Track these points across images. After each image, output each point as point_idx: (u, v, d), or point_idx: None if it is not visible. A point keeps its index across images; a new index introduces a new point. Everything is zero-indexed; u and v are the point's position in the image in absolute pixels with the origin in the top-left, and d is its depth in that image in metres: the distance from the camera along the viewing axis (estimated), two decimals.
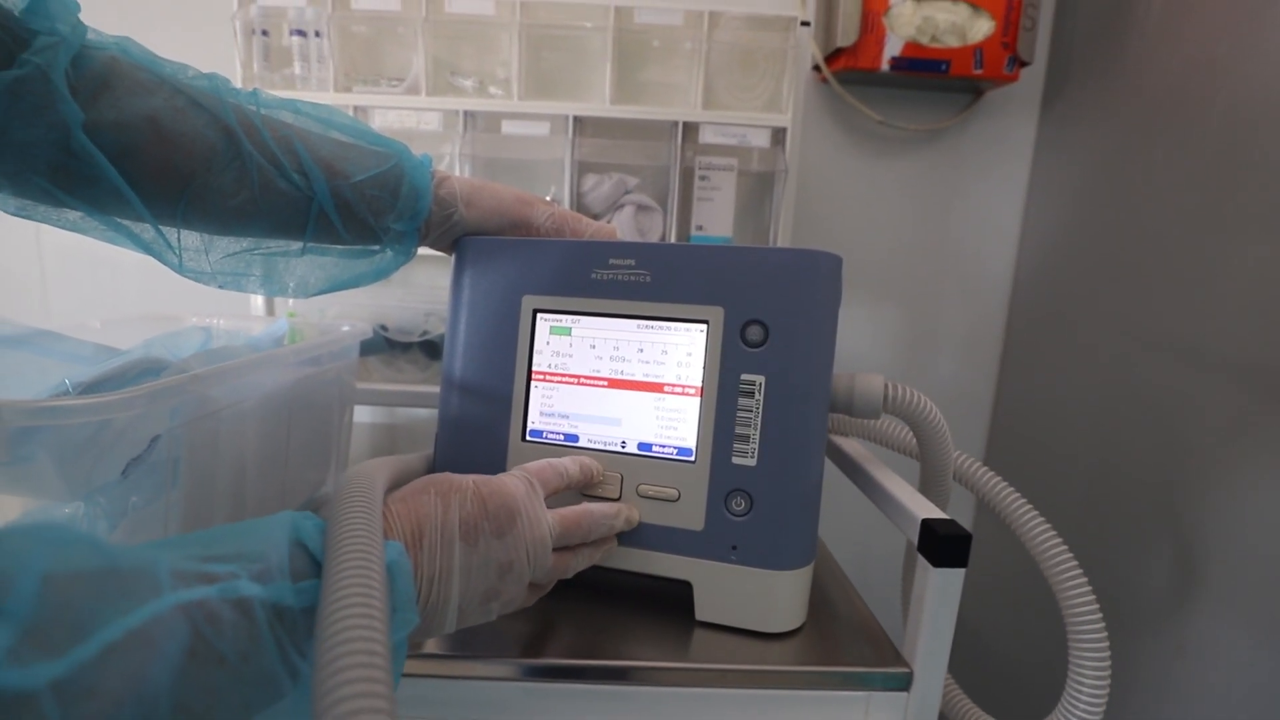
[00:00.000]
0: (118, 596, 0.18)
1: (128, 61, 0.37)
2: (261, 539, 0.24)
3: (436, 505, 0.32)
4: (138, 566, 0.20)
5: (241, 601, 0.21)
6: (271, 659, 0.21)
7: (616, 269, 0.42)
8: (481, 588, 0.32)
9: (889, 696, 0.38)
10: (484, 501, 0.33)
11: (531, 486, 0.35)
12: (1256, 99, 0.61)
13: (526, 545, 0.33)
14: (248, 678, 0.21)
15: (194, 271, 0.42)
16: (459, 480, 0.33)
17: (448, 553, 0.31)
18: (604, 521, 0.38)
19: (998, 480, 0.45)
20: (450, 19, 0.73)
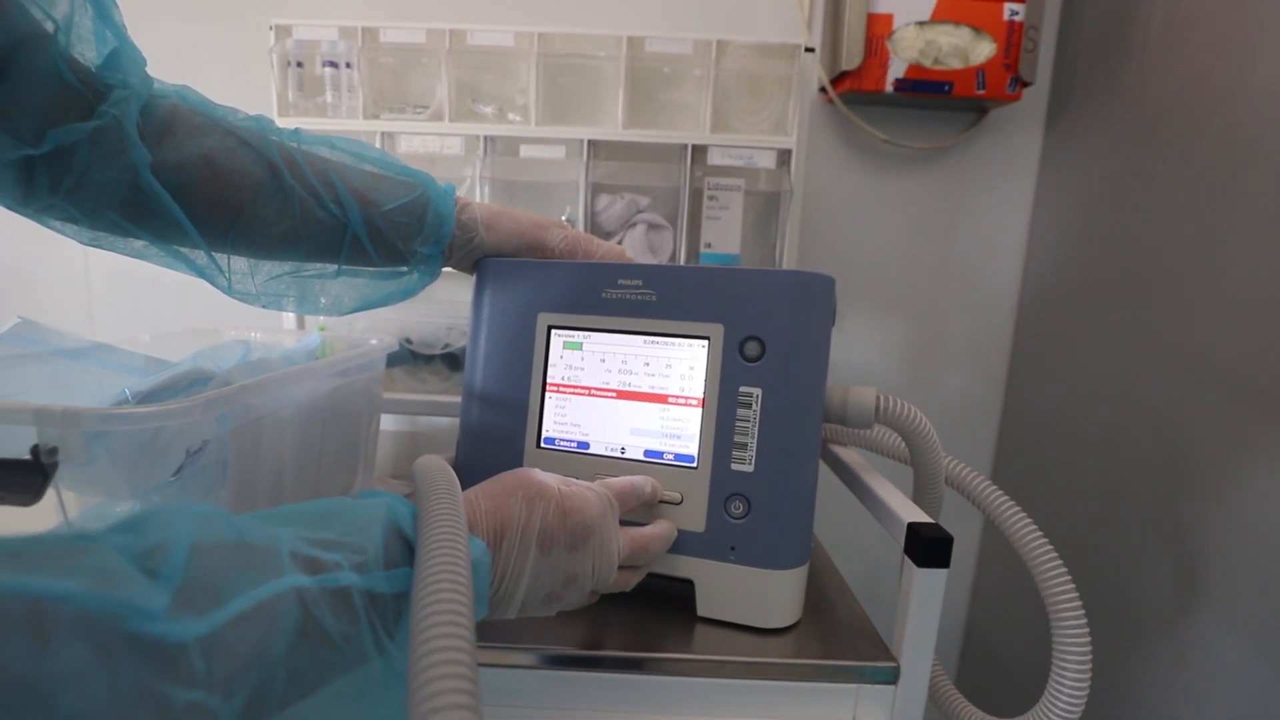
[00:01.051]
0: (248, 569, 0.21)
1: (186, 108, 0.41)
2: (364, 527, 0.27)
3: (522, 510, 0.33)
4: (265, 544, 0.23)
5: (343, 591, 0.24)
6: (366, 640, 0.25)
7: (625, 288, 0.46)
8: (546, 590, 0.34)
9: (877, 689, 0.40)
10: (565, 515, 0.34)
11: (610, 505, 0.37)
12: (1248, 118, 0.63)
13: (594, 561, 0.36)
14: (347, 655, 0.24)
15: (241, 293, 0.46)
16: (546, 486, 0.35)
17: (523, 557, 0.33)
18: (664, 546, 0.41)
19: (986, 483, 0.47)
20: (472, 50, 0.78)
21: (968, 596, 1.09)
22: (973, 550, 1.07)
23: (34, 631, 0.16)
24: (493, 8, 0.85)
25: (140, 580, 0.19)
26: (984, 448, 1.04)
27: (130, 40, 0.39)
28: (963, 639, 1.10)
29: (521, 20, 0.83)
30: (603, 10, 0.86)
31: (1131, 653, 0.73)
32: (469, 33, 0.77)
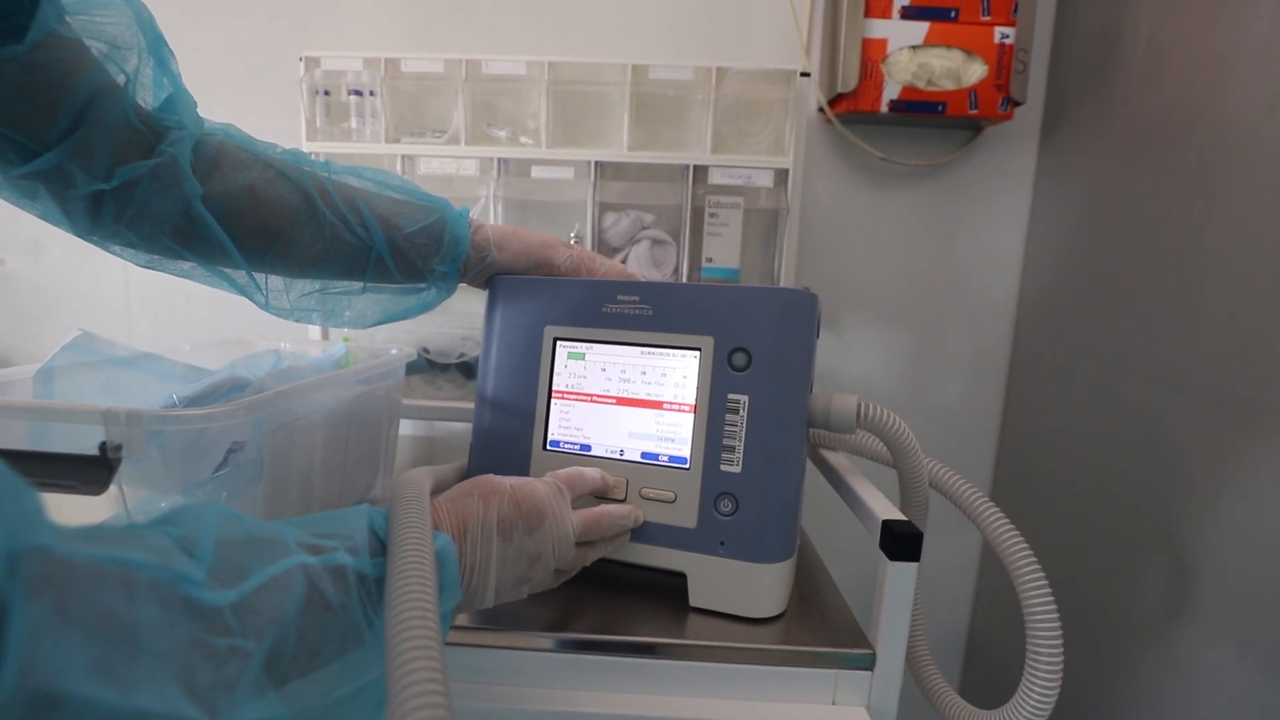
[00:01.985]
0: (260, 555, 0.26)
1: (231, 144, 0.46)
2: (350, 525, 0.32)
3: (479, 505, 0.38)
4: (272, 537, 0.28)
5: (339, 568, 0.29)
6: (357, 611, 0.29)
7: (623, 304, 0.50)
8: (515, 573, 0.39)
9: (855, 675, 0.43)
10: (518, 503, 0.39)
11: (560, 491, 0.42)
12: (1225, 137, 0.66)
13: (553, 540, 0.40)
14: (344, 623, 0.28)
15: (276, 308, 0.51)
16: (498, 484, 0.40)
17: (487, 545, 0.37)
18: (619, 521, 0.45)
19: (964, 483, 0.50)
20: (487, 78, 0.83)
21: (970, 602, 1.11)
22: (975, 557, 1.09)
23: (125, 589, 0.20)
24: (506, 39, 0.91)
25: (185, 559, 0.24)
26: (984, 456, 1.06)
27: (183, 85, 0.44)
28: (965, 644, 1.12)
29: (533, 50, 0.88)
30: (609, 40, 0.91)
31: (1124, 656, 0.75)
32: (484, 62, 0.82)
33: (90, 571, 0.20)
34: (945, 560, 1.07)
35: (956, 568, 1.09)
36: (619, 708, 0.42)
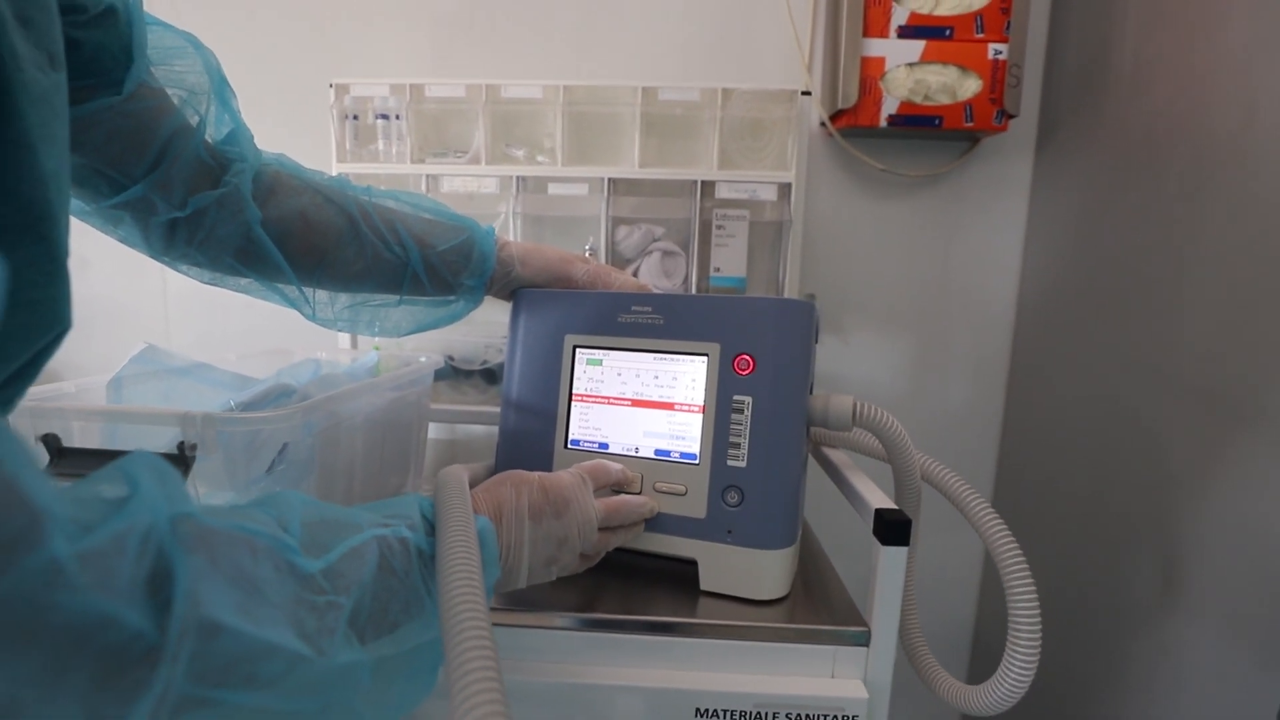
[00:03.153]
0: (338, 532, 0.31)
1: (285, 173, 0.51)
2: (406, 508, 0.37)
3: (511, 493, 0.43)
4: (346, 519, 0.32)
5: (403, 540, 0.33)
6: (417, 579, 0.33)
7: (637, 314, 0.54)
8: (545, 554, 0.43)
9: (852, 650, 0.47)
10: (546, 491, 0.44)
11: (583, 481, 0.47)
12: (1206, 150, 0.70)
13: (578, 524, 0.44)
14: (407, 588, 0.33)
15: (322, 319, 0.56)
16: (528, 476, 0.45)
17: (520, 528, 0.42)
18: (637, 510, 0.50)
19: (952, 474, 0.54)
20: (505, 101, 0.88)
21: (976, 596, 1.14)
22: (979, 554, 1.12)
23: (250, 551, 0.25)
24: (523, 64, 0.96)
25: (284, 533, 0.29)
26: (986, 456, 1.10)
27: (242, 120, 0.49)
28: (972, 639, 1.15)
29: (549, 75, 0.93)
30: (620, 64, 0.96)
31: (1119, 642, 0.78)
32: (503, 87, 0.87)
33: (225, 536, 0.25)
34: (950, 557, 1.10)
35: (961, 565, 1.12)
36: (637, 681, 0.47)
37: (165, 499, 0.23)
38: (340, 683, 0.28)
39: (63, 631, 0.19)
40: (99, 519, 0.21)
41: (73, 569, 0.19)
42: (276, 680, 0.24)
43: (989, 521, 0.50)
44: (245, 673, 0.23)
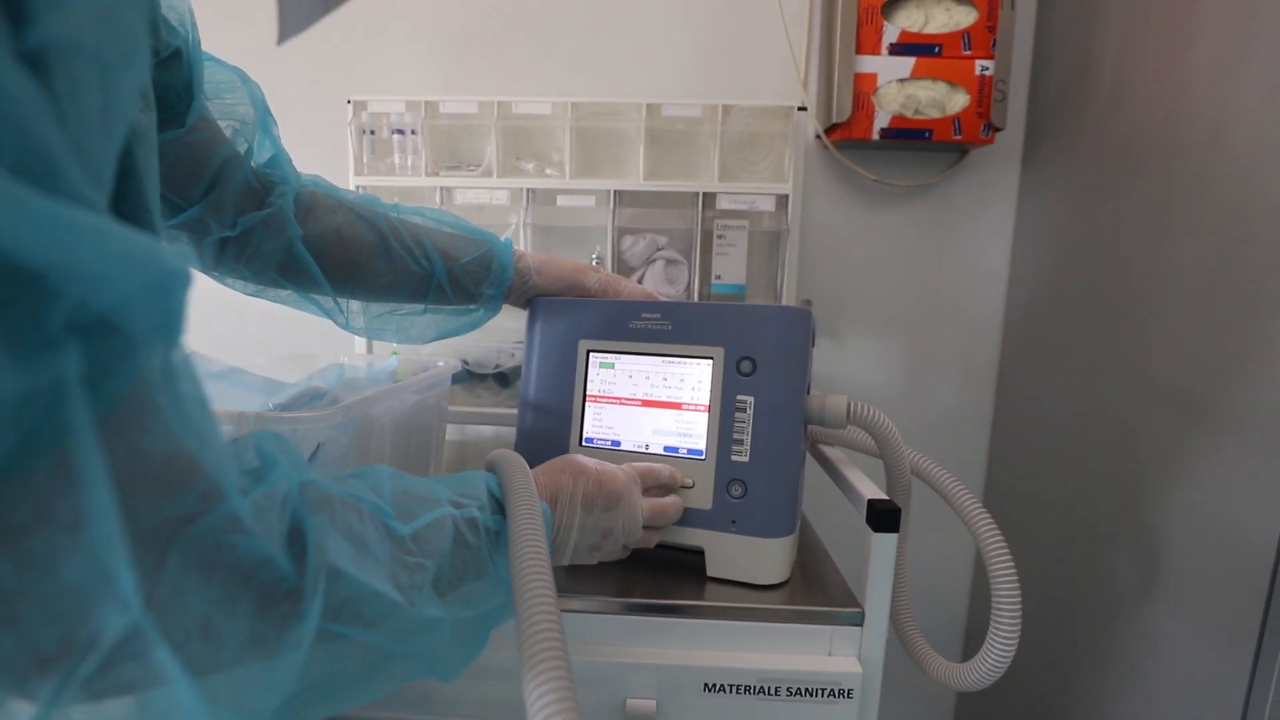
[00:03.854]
0: (421, 504, 0.35)
1: (321, 193, 0.55)
2: (475, 487, 0.40)
3: (569, 481, 0.46)
4: (427, 493, 0.36)
5: (473, 519, 0.37)
6: (485, 552, 0.37)
7: (647, 320, 0.58)
8: (590, 541, 0.46)
9: (847, 630, 0.52)
10: (601, 485, 0.47)
11: (635, 480, 0.50)
12: (1178, 161, 0.74)
13: (624, 520, 0.48)
14: (478, 559, 0.36)
15: (354, 328, 0.60)
16: (586, 466, 0.47)
17: (572, 514, 0.45)
18: (677, 514, 0.54)
19: (939, 468, 0.58)
20: (516, 117, 0.92)
21: (969, 591, 1.18)
22: (971, 551, 1.16)
23: (357, 514, 0.30)
24: (533, 82, 1.00)
25: (379, 500, 0.33)
26: (977, 455, 1.14)
27: (283, 146, 0.53)
28: (965, 631, 1.19)
29: (557, 92, 0.98)
30: (624, 81, 1.00)
31: (1101, 627, 0.82)
32: (513, 103, 0.92)
33: (339, 500, 0.29)
34: (945, 555, 1.14)
35: (956, 562, 1.16)
36: (650, 659, 0.51)
37: (293, 468, 0.27)
38: (424, 632, 0.32)
39: (236, 567, 0.24)
40: (251, 483, 0.25)
41: (246, 519, 0.24)
42: (377, 622, 0.29)
43: (973, 510, 0.54)
44: (355, 612, 0.28)
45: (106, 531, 0.20)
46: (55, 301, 0.18)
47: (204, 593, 0.23)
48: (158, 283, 0.20)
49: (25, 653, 0.19)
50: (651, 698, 0.50)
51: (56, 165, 0.18)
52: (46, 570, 0.19)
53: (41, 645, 0.19)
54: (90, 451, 0.19)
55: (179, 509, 0.22)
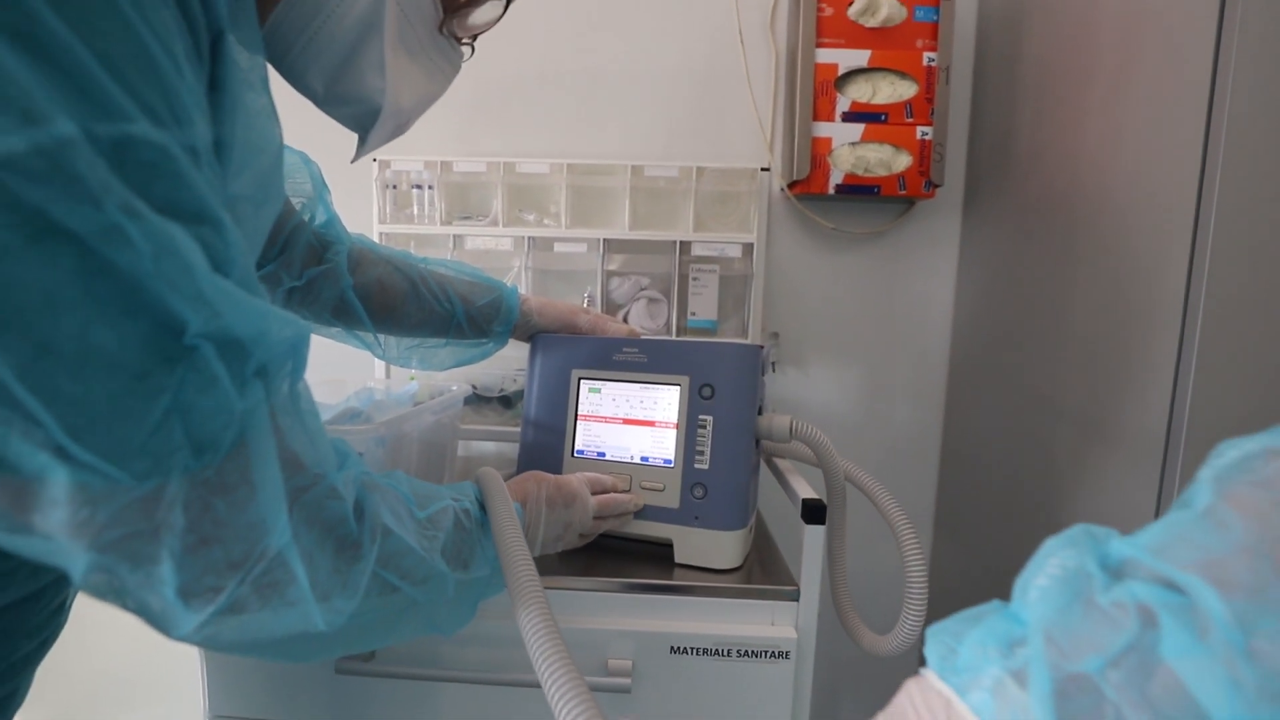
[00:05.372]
0: (431, 498, 0.47)
1: (365, 248, 0.69)
2: (464, 491, 0.52)
3: (534, 487, 0.59)
4: (434, 491, 0.48)
5: (466, 509, 0.49)
6: (475, 535, 0.50)
7: (627, 354, 0.72)
8: (554, 533, 0.59)
9: (786, 605, 0.64)
10: (559, 488, 0.60)
11: (585, 484, 0.63)
12: (1081, 216, 0.88)
13: (579, 514, 0.61)
14: (470, 540, 0.49)
15: (388, 357, 0.74)
16: (546, 476, 0.61)
17: (539, 511, 0.58)
18: (623, 505, 0.66)
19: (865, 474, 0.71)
20: (519, 176, 1.07)
21: None
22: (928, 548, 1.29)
23: (395, 498, 0.42)
24: (534, 144, 1.15)
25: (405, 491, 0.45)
26: (929, 468, 1.27)
27: (335, 211, 0.67)
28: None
29: (555, 154, 1.12)
30: (613, 145, 1.15)
31: None
32: (517, 163, 1.06)
33: (383, 488, 0.42)
34: None
35: None
36: (628, 627, 0.63)
37: (357, 463, 0.40)
38: (437, 584, 0.43)
39: (327, 522, 0.36)
40: (337, 469, 0.38)
41: (340, 490, 0.36)
42: (410, 572, 0.41)
43: (887, 502, 0.67)
44: (397, 564, 0.40)
45: (274, 490, 0.33)
46: (250, 356, 0.31)
47: (309, 535, 0.35)
48: (293, 343, 0.33)
49: (225, 559, 0.32)
50: (628, 658, 0.63)
51: (248, 272, 0.32)
52: (241, 510, 0.32)
53: (234, 554, 0.32)
54: (268, 443, 0.32)
55: (302, 480, 0.35)
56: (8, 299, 0.23)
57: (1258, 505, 0.24)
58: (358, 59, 0.41)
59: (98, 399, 0.25)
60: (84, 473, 0.26)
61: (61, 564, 0.29)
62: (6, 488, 0.26)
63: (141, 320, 0.26)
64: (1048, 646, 0.24)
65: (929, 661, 0.28)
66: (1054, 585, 0.26)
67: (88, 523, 0.27)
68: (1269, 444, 0.25)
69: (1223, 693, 0.21)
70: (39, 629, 0.42)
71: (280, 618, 0.34)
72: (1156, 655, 0.22)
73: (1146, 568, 0.24)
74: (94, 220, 0.24)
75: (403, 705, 0.65)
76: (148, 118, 0.25)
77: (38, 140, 0.23)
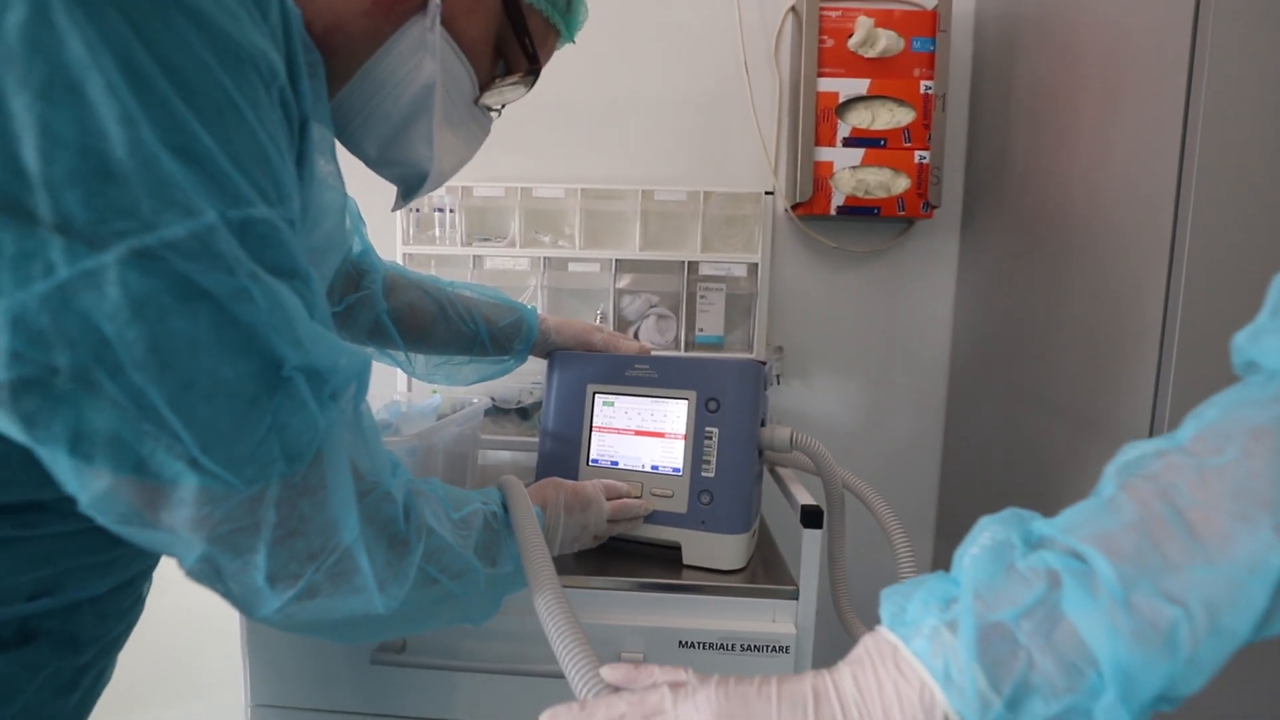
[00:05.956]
0: (463, 502, 0.53)
1: (397, 274, 0.75)
2: (490, 496, 0.57)
3: (553, 492, 0.64)
4: (464, 495, 0.54)
5: (494, 512, 0.55)
6: (501, 535, 0.55)
7: (639, 370, 0.77)
8: (571, 535, 0.65)
9: (786, 603, 0.69)
10: (576, 494, 0.65)
11: (600, 490, 0.68)
12: (1069, 233, 0.93)
13: (594, 517, 0.66)
14: (497, 539, 0.54)
15: (417, 374, 0.80)
16: (565, 482, 0.66)
17: (557, 515, 0.63)
18: (634, 509, 0.72)
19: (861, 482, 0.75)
20: (535, 199, 1.13)
21: None
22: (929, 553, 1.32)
23: (435, 502, 0.48)
24: (549, 170, 1.21)
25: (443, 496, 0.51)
26: (930, 475, 1.31)
27: (369, 242, 0.73)
28: None
29: (569, 179, 1.18)
30: (624, 170, 1.21)
31: None
32: (534, 188, 1.13)
33: (424, 492, 0.47)
34: None
35: None
36: (640, 623, 0.68)
37: (404, 471, 0.46)
38: (470, 577, 0.49)
39: (382, 522, 0.42)
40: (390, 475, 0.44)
41: (394, 494, 0.42)
42: (448, 567, 0.46)
43: (882, 508, 0.72)
44: (438, 559, 0.45)
45: (346, 492, 0.38)
46: (327, 383, 0.37)
47: (369, 532, 0.40)
48: (358, 371, 0.39)
49: (305, 551, 0.37)
50: (640, 652, 0.68)
51: (325, 313, 0.38)
52: (320, 509, 0.37)
53: (313, 546, 0.38)
54: (341, 453, 0.38)
55: (363, 486, 0.41)
56: (167, 346, 0.29)
57: (1144, 494, 0.30)
58: (409, 132, 0.48)
59: (222, 421, 0.32)
60: (208, 479, 0.32)
61: (177, 553, 0.35)
62: (143, 490, 0.32)
63: (254, 359, 0.32)
64: (975, 602, 0.30)
65: (882, 618, 0.34)
66: (983, 554, 0.31)
67: (207, 519, 0.33)
68: (1160, 446, 0.31)
69: (1106, 638, 0.27)
70: (126, 614, 0.48)
71: (347, 601, 0.39)
72: (1060, 609, 0.28)
73: (1059, 541, 0.30)
74: (228, 284, 0.30)
75: (431, 693, 0.70)
76: (263, 200, 0.32)
77: (193, 228, 0.29)
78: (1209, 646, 0.27)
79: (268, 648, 0.73)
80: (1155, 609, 0.27)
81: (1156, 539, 0.29)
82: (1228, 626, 0.27)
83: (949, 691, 0.30)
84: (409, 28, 0.44)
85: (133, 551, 0.43)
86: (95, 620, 0.44)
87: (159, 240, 0.28)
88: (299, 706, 0.73)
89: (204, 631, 1.04)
